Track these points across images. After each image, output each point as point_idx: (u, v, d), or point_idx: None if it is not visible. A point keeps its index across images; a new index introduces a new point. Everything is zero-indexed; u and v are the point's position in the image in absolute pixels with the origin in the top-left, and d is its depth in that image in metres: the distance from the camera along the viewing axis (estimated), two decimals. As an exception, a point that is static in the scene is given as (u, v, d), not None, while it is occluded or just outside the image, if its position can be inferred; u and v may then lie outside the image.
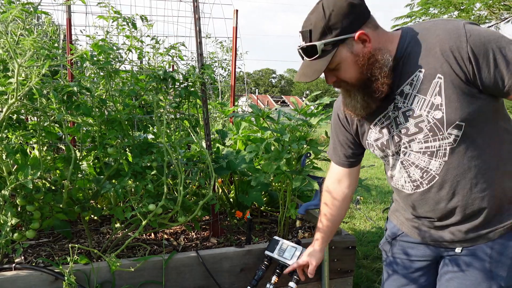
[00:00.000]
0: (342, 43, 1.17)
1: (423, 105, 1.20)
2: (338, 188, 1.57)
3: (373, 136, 1.35)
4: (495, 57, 1.10)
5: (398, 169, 1.34)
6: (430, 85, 1.17)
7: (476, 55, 1.10)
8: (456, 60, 1.12)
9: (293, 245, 1.86)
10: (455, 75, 1.13)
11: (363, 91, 1.23)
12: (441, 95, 1.16)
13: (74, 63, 2.50)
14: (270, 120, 2.39)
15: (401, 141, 1.28)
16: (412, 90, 1.21)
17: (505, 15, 8.21)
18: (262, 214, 2.79)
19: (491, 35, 1.11)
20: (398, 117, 1.26)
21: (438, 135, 1.20)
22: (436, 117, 1.18)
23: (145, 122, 2.07)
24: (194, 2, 2.22)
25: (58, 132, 2.06)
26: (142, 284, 1.89)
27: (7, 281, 1.69)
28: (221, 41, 4.76)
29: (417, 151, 1.25)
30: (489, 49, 1.10)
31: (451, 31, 1.13)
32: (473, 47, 1.10)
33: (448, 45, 1.12)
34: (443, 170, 1.23)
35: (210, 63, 4.59)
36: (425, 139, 1.23)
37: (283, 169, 2.20)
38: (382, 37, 1.21)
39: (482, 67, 1.11)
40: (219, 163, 2.35)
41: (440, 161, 1.23)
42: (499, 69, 1.10)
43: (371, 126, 1.35)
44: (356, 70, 1.20)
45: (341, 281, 2.26)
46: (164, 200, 1.84)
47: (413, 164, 1.28)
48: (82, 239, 2.26)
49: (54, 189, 1.91)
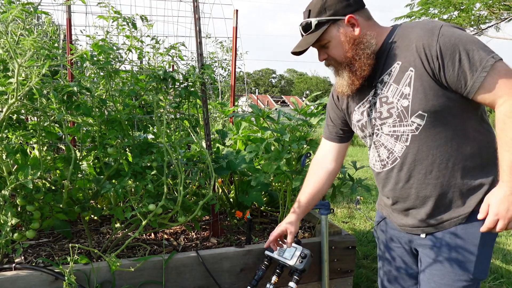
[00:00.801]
0: (333, 23, 1.35)
1: (395, 93, 1.33)
2: (324, 161, 1.67)
3: (356, 117, 1.50)
4: (461, 58, 1.20)
5: (372, 149, 1.49)
6: (403, 76, 1.30)
7: (443, 54, 1.21)
8: (426, 56, 1.24)
9: (293, 245, 1.86)
10: (424, 69, 1.25)
11: (348, 69, 1.37)
12: (410, 86, 1.29)
13: (74, 63, 2.50)
14: (270, 120, 2.39)
15: (375, 124, 1.42)
16: (389, 79, 1.35)
17: (505, 15, 8.20)
18: (262, 214, 2.79)
19: (463, 38, 1.20)
20: (376, 103, 1.40)
21: (403, 121, 1.33)
22: (403, 105, 1.31)
23: (145, 122, 2.07)
24: (194, 2, 2.22)
25: (58, 132, 2.06)
26: (142, 284, 1.89)
27: (7, 281, 1.69)
28: (221, 41, 4.76)
29: (387, 134, 1.39)
30: (456, 50, 1.20)
31: (427, 31, 1.25)
32: (441, 46, 1.21)
33: (422, 42, 1.24)
34: (404, 153, 1.36)
35: (210, 63, 4.59)
36: (393, 124, 1.36)
37: (283, 169, 2.20)
38: (371, 27, 1.37)
39: (447, 66, 1.21)
40: (219, 163, 2.35)
41: (402, 145, 1.36)
42: (463, 69, 1.20)
43: (355, 109, 1.50)
44: (343, 49, 1.36)
45: (341, 281, 2.26)
46: (164, 200, 1.84)
47: (382, 145, 1.42)
48: (82, 239, 2.26)
49: (54, 189, 1.91)
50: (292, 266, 1.81)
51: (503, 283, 2.84)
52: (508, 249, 3.51)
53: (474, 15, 8.08)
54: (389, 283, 1.62)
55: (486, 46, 1.21)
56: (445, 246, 1.36)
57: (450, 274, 1.35)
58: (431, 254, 1.40)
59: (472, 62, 1.19)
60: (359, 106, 1.47)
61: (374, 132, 1.44)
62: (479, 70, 1.18)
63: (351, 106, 1.51)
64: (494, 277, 2.91)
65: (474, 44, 1.19)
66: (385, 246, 1.60)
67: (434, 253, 1.39)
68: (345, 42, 1.35)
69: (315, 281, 2.17)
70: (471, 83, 1.20)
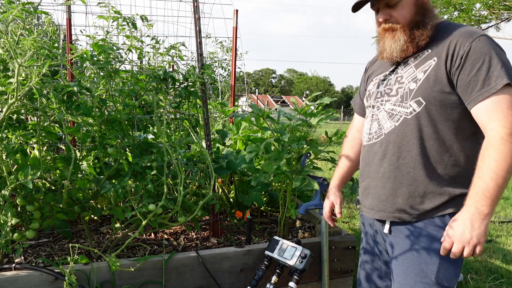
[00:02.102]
0: None
1: (410, 75, 1.35)
2: (357, 135, 1.69)
3: (369, 87, 1.53)
4: (481, 67, 1.20)
5: (367, 121, 1.52)
6: (425, 63, 1.32)
7: (468, 55, 1.22)
8: (454, 52, 1.25)
9: (293, 245, 1.86)
10: (444, 63, 1.27)
11: (408, 33, 1.34)
12: (425, 73, 1.31)
13: (74, 63, 2.50)
14: (270, 120, 2.39)
15: (380, 98, 1.44)
16: (412, 62, 1.36)
17: (505, 15, 8.21)
18: (262, 214, 2.78)
19: (494, 52, 1.21)
20: (391, 80, 1.42)
21: (403, 103, 1.35)
22: (410, 87, 1.33)
23: (145, 122, 2.07)
24: (194, 2, 2.22)
25: (58, 132, 2.06)
26: (142, 284, 1.89)
27: (7, 281, 1.69)
28: (221, 41, 4.77)
29: (386, 111, 1.41)
30: (482, 58, 1.21)
31: (468, 32, 1.26)
32: (472, 48, 1.22)
33: (458, 39, 1.26)
34: (389, 132, 1.38)
35: (210, 63, 4.59)
36: (395, 103, 1.38)
37: (283, 169, 2.20)
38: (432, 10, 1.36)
39: (466, 67, 1.23)
40: (219, 163, 2.35)
41: (392, 124, 1.38)
42: (477, 77, 1.21)
43: (373, 78, 1.52)
44: (412, 10, 1.33)
45: (341, 281, 2.26)
46: (164, 200, 1.84)
47: (377, 119, 1.44)
48: (82, 239, 2.26)
49: (54, 189, 1.91)
50: (292, 266, 1.81)
51: (503, 283, 2.84)
52: (508, 249, 3.51)
53: (474, 15, 8.08)
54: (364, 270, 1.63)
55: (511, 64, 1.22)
56: (406, 240, 1.36)
57: (411, 273, 1.33)
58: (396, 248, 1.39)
59: (489, 75, 1.19)
60: (376, 77, 1.50)
61: (376, 106, 1.45)
62: (490, 86, 1.19)
63: (372, 75, 1.54)
64: (494, 277, 2.91)
65: (502, 61, 1.20)
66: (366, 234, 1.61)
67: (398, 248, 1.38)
68: (417, 4, 1.33)
69: (315, 281, 2.17)
70: (476, 95, 1.21)
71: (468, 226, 1.16)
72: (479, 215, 1.16)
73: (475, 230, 1.16)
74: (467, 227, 1.16)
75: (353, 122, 1.74)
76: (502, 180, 1.15)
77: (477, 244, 1.17)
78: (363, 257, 1.63)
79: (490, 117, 1.19)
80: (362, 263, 1.63)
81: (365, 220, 1.61)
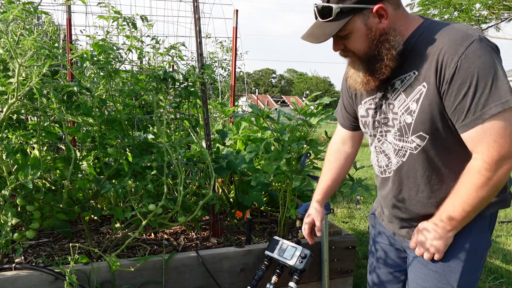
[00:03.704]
0: (358, 12, 1.15)
1: (402, 104, 1.23)
2: (341, 148, 1.62)
3: (361, 112, 1.42)
4: (467, 93, 1.09)
5: (373, 150, 1.42)
6: (415, 89, 1.19)
7: (453, 79, 1.10)
8: (442, 75, 1.12)
9: (293, 245, 1.86)
10: (436, 88, 1.14)
11: (366, 67, 1.23)
12: (418, 103, 1.19)
13: (74, 63, 2.50)
14: (270, 120, 2.39)
15: (379, 128, 1.34)
16: (400, 87, 1.23)
17: (505, 15, 8.21)
18: (262, 214, 2.79)
19: (483, 70, 1.07)
20: (383, 106, 1.30)
21: (404, 137, 1.26)
22: (406, 121, 1.23)
23: (145, 122, 2.07)
24: (194, 2, 2.22)
25: (58, 132, 2.06)
26: (142, 284, 1.89)
27: (7, 281, 1.69)
28: (221, 41, 4.77)
29: (390, 142, 1.32)
30: (468, 81, 1.08)
31: (456, 42, 1.11)
32: (457, 70, 1.09)
33: (444, 57, 1.11)
34: (398, 168, 1.31)
35: (210, 63, 4.59)
36: (395, 136, 1.29)
37: (283, 169, 2.20)
38: (400, 19, 1.19)
39: (451, 94, 1.12)
40: (219, 163, 2.35)
41: (398, 159, 1.31)
42: (463, 105, 1.11)
43: (361, 102, 1.40)
44: (365, 43, 1.19)
45: (341, 281, 2.26)
46: (164, 200, 1.84)
47: (383, 152, 1.36)
48: (82, 239, 2.26)
49: (54, 189, 1.91)
50: (292, 266, 1.81)
51: (503, 283, 2.84)
52: (508, 249, 3.51)
53: (474, 15, 8.08)
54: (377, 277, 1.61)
55: (503, 84, 1.07)
56: None
57: (432, 279, 1.32)
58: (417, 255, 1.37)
59: (475, 102, 1.08)
60: (365, 101, 1.38)
61: (377, 137, 1.37)
62: (476, 115, 1.09)
63: (358, 98, 1.43)
64: (494, 277, 2.91)
65: (491, 80, 1.07)
66: (373, 240, 1.60)
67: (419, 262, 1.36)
68: (369, 36, 1.17)
69: (315, 281, 2.17)
70: (462, 123, 1.13)
71: (432, 235, 1.25)
72: (443, 229, 1.23)
73: (436, 240, 1.24)
74: (430, 236, 1.25)
75: (337, 132, 1.64)
76: (470, 208, 1.17)
77: (435, 252, 1.25)
78: (372, 261, 1.61)
79: (475, 147, 1.14)
80: (371, 267, 1.61)
81: (375, 225, 1.59)
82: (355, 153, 1.63)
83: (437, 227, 1.24)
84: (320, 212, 1.62)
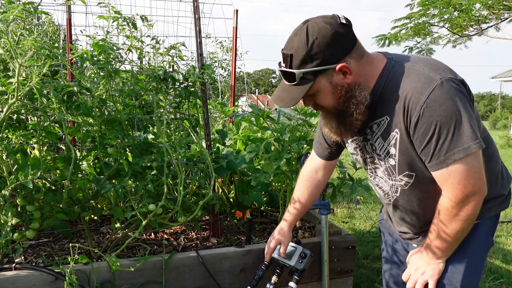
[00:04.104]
0: (321, 74, 1.16)
1: (382, 148, 1.28)
2: (314, 176, 1.66)
3: (350, 149, 1.46)
4: (431, 140, 1.13)
5: (370, 183, 1.50)
6: (389, 135, 1.23)
7: (417, 128, 1.14)
8: (408, 120, 1.16)
9: (293, 245, 1.86)
10: (407, 133, 1.19)
11: (337, 120, 1.26)
12: (395, 147, 1.23)
13: (74, 63, 2.50)
14: (270, 120, 2.39)
15: (369, 166, 1.40)
16: (377, 131, 1.27)
17: (505, 15, 8.21)
18: (262, 214, 2.78)
19: (445, 117, 1.10)
20: (366, 147, 1.35)
21: (392, 176, 1.32)
22: (390, 163, 1.28)
23: (145, 122, 2.07)
24: (194, 2, 2.22)
25: (58, 132, 2.06)
26: (142, 284, 1.89)
27: (7, 281, 1.69)
28: (221, 41, 4.76)
29: (381, 177, 1.38)
30: (431, 128, 1.12)
31: (419, 88, 1.13)
32: (420, 119, 1.13)
33: (409, 104, 1.14)
34: (395, 201, 1.39)
35: (210, 63, 4.59)
36: (383, 176, 1.35)
37: (283, 169, 2.20)
38: (364, 69, 1.20)
39: (417, 140, 1.16)
40: (219, 163, 2.35)
41: (393, 194, 1.37)
42: (427, 150, 1.15)
43: (348, 142, 1.44)
44: (333, 100, 1.21)
45: (341, 281, 2.26)
46: (164, 200, 1.84)
47: (377, 185, 1.42)
48: (82, 239, 2.26)
49: (54, 189, 1.91)
50: (292, 266, 1.81)
51: (503, 283, 2.84)
52: (508, 249, 3.52)
53: (474, 15, 8.08)
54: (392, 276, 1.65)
55: (466, 130, 1.11)
56: None
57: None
58: None
59: (438, 148, 1.13)
60: (351, 141, 1.41)
61: (369, 174, 1.44)
62: (440, 160, 1.14)
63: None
64: (494, 277, 2.91)
65: (453, 127, 1.10)
66: (386, 243, 1.64)
67: None
68: (335, 93, 1.19)
69: (315, 281, 2.17)
70: (429, 165, 1.19)
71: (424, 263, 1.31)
72: (431, 259, 1.30)
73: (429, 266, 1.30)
74: (422, 263, 1.32)
75: (312, 159, 1.66)
76: (450, 238, 1.24)
77: (429, 278, 1.30)
78: (385, 266, 1.66)
79: (442, 186, 1.20)
80: (384, 272, 1.66)
81: (385, 229, 1.64)
82: (326, 182, 1.70)
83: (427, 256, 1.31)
84: (287, 236, 1.74)
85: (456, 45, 9.52)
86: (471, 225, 1.23)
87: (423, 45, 9.75)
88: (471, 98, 1.17)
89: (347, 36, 1.16)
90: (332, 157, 1.60)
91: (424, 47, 9.76)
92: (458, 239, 1.25)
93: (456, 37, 9.11)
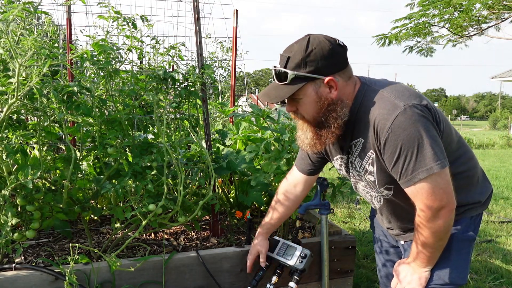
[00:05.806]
0: (311, 81, 1.27)
1: (361, 166, 1.39)
2: (292, 190, 1.74)
3: (336, 165, 1.55)
4: (398, 161, 1.24)
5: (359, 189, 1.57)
6: (366, 155, 1.34)
7: (385, 151, 1.25)
8: (378, 143, 1.27)
9: (293, 245, 1.86)
10: (379, 156, 1.30)
11: (314, 131, 1.35)
12: (373, 165, 1.34)
13: (74, 63, 2.50)
14: (270, 120, 2.39)
15: (354, 179, 1.50)
16: (355, 150, 1.38)
17: (505, 15, 8.21)
18: (262, 214, 2.78)
19: (409, 141, 1.20)
20: (349, 164, 1.45)
21: (374, 189, 1.42)
22: (370, 179, 1.39)
23: (145, 122, 2.07)
24: (194, 2, 2.22)
25: (58, 132, 2.06)
26: (142, 284, 1.89)
27: (7, 281, 1.69)
28: (221, 41, 4.76)
29: (362, 190, 1.50)
30: (397, 151, 1.22)
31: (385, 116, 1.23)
32: (387, 142, 1.23)
33: (377, 129, 1.25)
34: (380, 208, 1.51)
35: (210, 63, 4.59)
36: (366, 187, 1.46)
37: (283, 169, 2.20)
38: (347, 89, 1.31)
39: (386, 161, 1.27)
40: (219, 163, 2.35)
41: (377, 203, 1.49)
42: (396, 170, 1.26)
43: (333, 159, 1.53)
44: (314, 109, 1.31)
45: (341, 281, 2.26)
46: (164, 200, 1.84)
47: (365, 196, 1.53)
48: (82, 239, 2.26)
49: (54, 189, 1.91)
50: (292, 266, 1.81)
51: (503, 283, 2.84)
52: (508, 249, 3.51)
53: (474, 15, 8.09)
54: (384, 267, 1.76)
55: (428, 152, 1.20)
56: None
57: None
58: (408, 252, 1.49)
59: (404, 168, 1.23)
60: (337, 158, 1.51)
61: (354, 186, 1.54)
62: (407, 179, 1.24)
63: (329, 155, 1.55)
64: (494, 277, 2.91)
65: (416, 150, 1.20)
66: (377, 238, 1.75)
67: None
68: (318, 103, 1.29)
69: (315, 281, 2.17)
70: (400, 182, 1.28)
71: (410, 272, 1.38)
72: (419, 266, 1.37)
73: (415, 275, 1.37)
74: (409, 272, 1.39)
75: (292, 173, 1.74)
76: (430, 248, 1.32)
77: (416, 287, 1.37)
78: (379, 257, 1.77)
79: (414, 201, 1.29)
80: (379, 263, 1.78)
81: (377, 225, 1.74)
82: (303, 197, 1.78)
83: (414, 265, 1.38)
84: (264, 246, 1.84)
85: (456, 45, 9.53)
86: (448, 234, 1.31)
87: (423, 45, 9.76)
88: (437, 120, 1.27)
89: (341, 56, 1.29)
90: (314, 172, 1.69)
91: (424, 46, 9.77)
92: (438, 248, 1.32)
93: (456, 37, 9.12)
